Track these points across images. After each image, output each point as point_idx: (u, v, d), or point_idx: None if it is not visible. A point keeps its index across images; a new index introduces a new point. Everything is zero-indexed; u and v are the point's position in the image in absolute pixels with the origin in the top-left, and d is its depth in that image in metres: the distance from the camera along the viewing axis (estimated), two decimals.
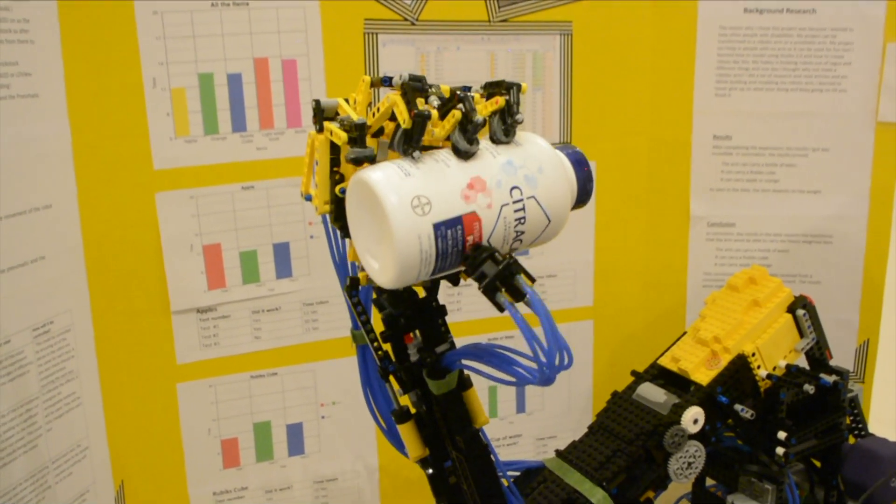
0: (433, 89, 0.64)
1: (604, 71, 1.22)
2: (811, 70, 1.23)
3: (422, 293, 0.73)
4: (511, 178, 0.65)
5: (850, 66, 1.22)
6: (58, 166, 0.98)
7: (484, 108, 0.66)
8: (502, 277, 0.61)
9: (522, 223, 0.65)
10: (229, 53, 1.06)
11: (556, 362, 0.59)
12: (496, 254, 0.62)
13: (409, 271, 0.62)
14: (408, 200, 0.60)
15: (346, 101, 0.67)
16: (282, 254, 1.14)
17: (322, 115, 0.67)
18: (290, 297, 1.16)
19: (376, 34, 1.11)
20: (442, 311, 0.74)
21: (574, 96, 1.22)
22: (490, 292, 0.62)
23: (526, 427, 1.33)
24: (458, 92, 0.64)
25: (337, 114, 0.67)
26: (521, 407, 1.32)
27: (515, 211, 0.65)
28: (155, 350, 1.10)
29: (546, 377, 0.60)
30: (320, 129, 0.67)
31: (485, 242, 0.64)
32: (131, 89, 1.02)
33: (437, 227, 0.61)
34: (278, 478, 1.20)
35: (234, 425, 1.16)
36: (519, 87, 0.66)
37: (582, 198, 0.71)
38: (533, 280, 0.62)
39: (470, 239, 0.63)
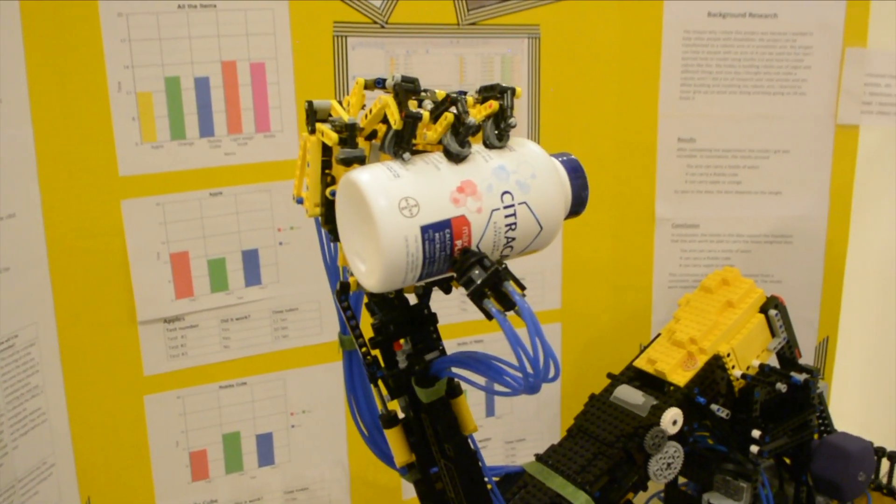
0: (427, 93, 0.63)
1: (571, 74, 1.23)
2: (772, 74, 1.25)
3: (414, 300, 0.72)
4: (503, 182, 0.64)
5: (810, 69, 1.25)
6: (21, 174, 0.95)
7: (478, 112, 0.65)
8: (490, 284, 0.60)
9: (513, 229, 0.65)
10: (196, 56, 1.03)
11: (543, 373, 0.59)
12: (485, 259, 0.61)
13: (396, 274, 0.61)
14: (395, 202, 0.60)
15: (340, 102, 0.66)
16: (251, 261, 1.12)
17: (314, 116, 0.66)
18: (260, 305, 1.14)
19: (346, 37, 1.10)
20: (433, 318, 0.73)
21: (542, 99, 1.22)
22: (477, 298, 0.61)
23: (495, 430, 1.33)
24: (451, 95, 0.64)
25: (330, 115, 0.66)
26: (490, 410, 1.32)
27: (506, 216, 0.64)
28: (121, 362, 1.07)
29: (531, 386, 0.60)
30: (312, 131, 0.66)
31: (474, 247, 0.63)
32: (96, 94, 1.00)
33: (424, 229, 0.60)
34: (248, 489, 1.18)
35: (203, 437, 1.14)
36: (513, 91, 0.65)
37: (577, 206, 0.71)
38: (523, 288, 0.62)
39: (458, 243, 0.62)
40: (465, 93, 0.65)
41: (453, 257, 0.62)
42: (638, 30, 1.24)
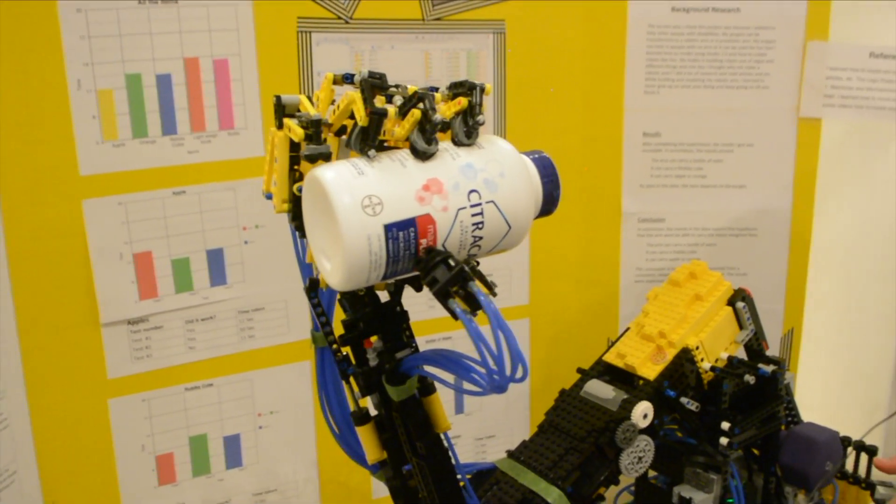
0: (398, 88, 0.63)
1: (536, 69, 1.22)
2: (736, 67, 1.26)
3: (386, 297, 0.72)
4: (470, 181, 0.63)
5: (773, 63, 1.26)
6: None
7: (447, 109, 0.65)
8: (455, 283, 0.59)
9: (480, 228, 0.64)
10: (158, 53, 1.02)
11: (508, 372, 0.58)
12: (450, 259, 0.60)
13: (359, 273, 0.60)
14: (359, 199, 0.59)
15: (309, 97, 0.65)
16: (216, 260, 1.11)
17: (283, 111, 0.65)
18: (225, 304, 1.12)
19: (310, 33, 1.09)
20: (404, 316, 0.72)
21: (508, 94, 1.21)
22: (442, 298, 0.60)
23: (465, 427, 1.32)
24: (419, 91, 0.63)
25: (298, 111, 0.65)
26: (459, 408, 1.32)
27: (473, 215, 0.63)
28: (84, 365, 1.05)
29: (498, 385, 0.59)
30: (280, 126, 0.65)
31: (440, 246, 0.62)
32: (55, 91, 0.97)
33: (388, 228, 0.59)
34: (216, 492, 1.16)
35: (170, 440, 1.12)
36: (482, 88, 0.65)
37: (548, 206, 0.70)
38: (492, 287, 0.62)
39: (423, 242, 0.61)
40: (436, 89, 0.64)
41: (418, 256, 0.62)
42: (603, 24, 1.24)
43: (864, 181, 1.33)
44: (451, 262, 0.60)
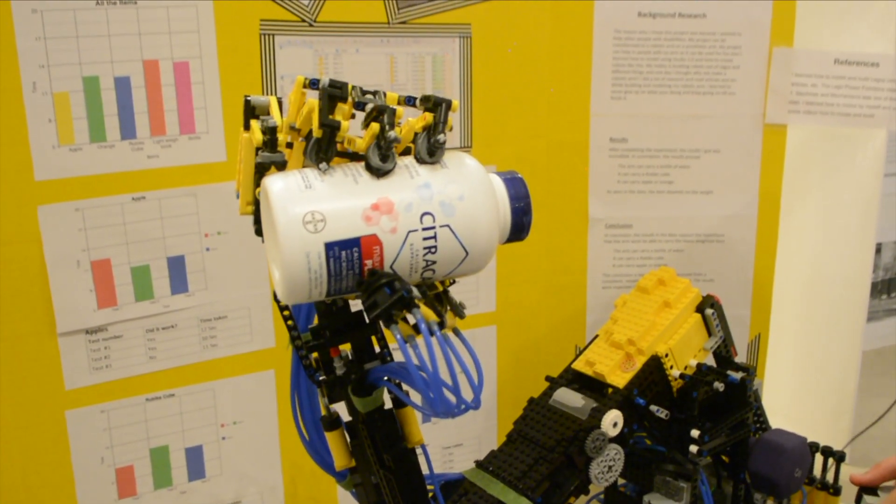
0: (375, 96, 0.61)
1: (503, 74, 1.21)
2: (702, 73, 1.26)
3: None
4: (425, 202, 0.61)
5: (739, 69, 1.26)
6: None
7: (410, 126, 0.63)
8: (397, 308, 0.58)
9: (433, 252, 0.62)
10: (116, 55, 0.99)
11: (452, 405, 0.59)
12: (396, 282, 0.58)
13: (299, 288, 0.59)
14: (300, 215, 0.57)
15: (280, 100, 0.64)
16: (176, 268, 1.08)
17: (252, 112, 0.63)
18: (187, 313, 1.10)
19: (273, 35, 1.07)
20: (374, 325, 0.71)
21: (474, 99, 1.20)
22: (385, 322, 0.59)
23: (431, 436, 1.30)
24: (379, 104, 0.61)
25: (268, 113, 0.63)
26: (425, 417, 1.30)
27: (425, 239, 0.61)
28: (40, 376, 1.02)
29: (443, 413, 0.60)
30: (247, 127, 0.63)
31: (387, 268, 0.60)
32: (9, 94, 0.95)
33: (329, 246, 0.58)
34: None
35: (130, 452, 1.09)
36: (449, 104, 0.62)
37: (516, 232, 0.67)
38: (454, 312, 0.61)
39: (368, 263, 0.60)
40: (414, 99, 0.63)
41: (362, 278, 0.60)
42: (569, 29, 1.23)
43: (830, 187, 1.34)
44: (397, 285, 0.58)
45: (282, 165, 0.61)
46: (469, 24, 1.18)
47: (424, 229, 0.61)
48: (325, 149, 0.60)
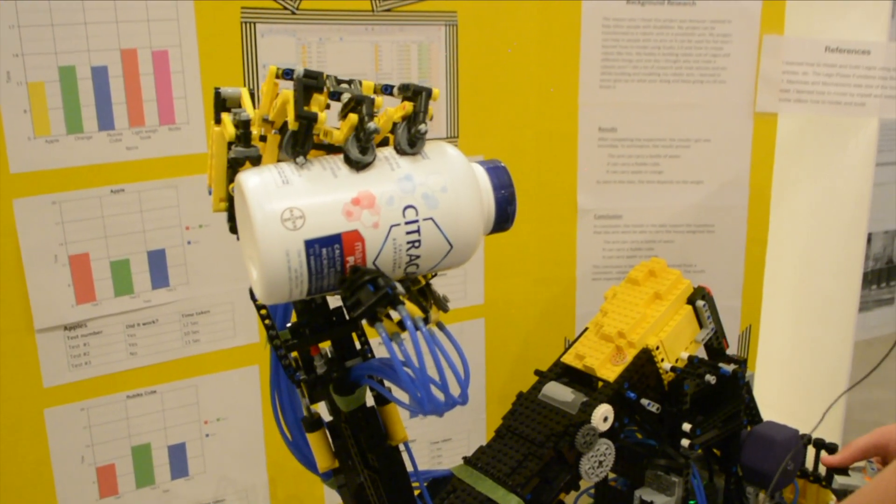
0: (351, 86, 0.59)
1: (490, 63, 1.19)
2: (692, 62, 1.25)
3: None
4: (407, 195, 0.59)
5: (729, 57, 1.25)
6: None
7: (389, 115, 0.61)
8: (381, 305, 0.56)
9: (417, 246, 0.59)
10: (93, 44, 0.97)
11: (440, 403, 0.58)
12: (379, 279, 0.56)
13: (279, 288, 0.57)
14: (278, 212, 0.55)
15: (252, 91, 0.61)
16: (157, 262, 1.06)
17: (223, 105, 0.61)
18: (168, 308, 1.07)
19: (254, 23, 1.04)
20: (356, 322, 0.69)
21: (461, 88, 1.18)
22: (369, 320, 0.56)
23: (419, 431, 1.29)
24: (357, 94, 0.58)
25: (239, 105, 0.61)
26: (412, 412, 1.28)
27: (408, 233, 0.59)
28: (18, 373, 1.00)
29: (430, 411, 0.58)
30: (218, 121, 0.60)
31: (370, 264, 0.58)
32: None
33: (309, 244, 0.56)
34: None
35: (111, 450, 1.07)
36: (429, 92, 0.60)
37: (500, 223, 0.65)
38: (437, 307, 0.59)
39: (350, 260, 0.57)
40: (391, 88, 0.60)
41: (344, 275, 0.58)
42: (557, 16, 1.21)
43: (821, 177, 1.32)
44: (380, 282, 0.56)
45: (256, 160, 0.59)
46: (455, 11, 1.15)
47: (407, 223, 0.59)
48: (301, 142, 0.58)
